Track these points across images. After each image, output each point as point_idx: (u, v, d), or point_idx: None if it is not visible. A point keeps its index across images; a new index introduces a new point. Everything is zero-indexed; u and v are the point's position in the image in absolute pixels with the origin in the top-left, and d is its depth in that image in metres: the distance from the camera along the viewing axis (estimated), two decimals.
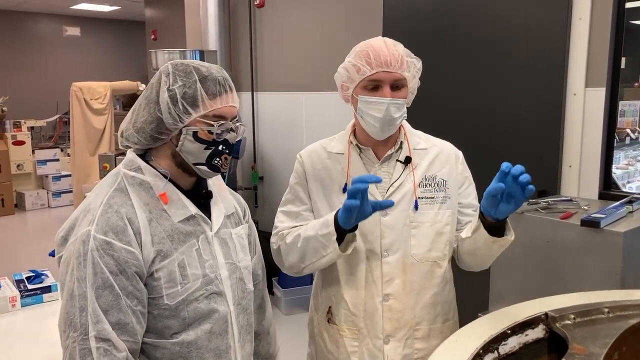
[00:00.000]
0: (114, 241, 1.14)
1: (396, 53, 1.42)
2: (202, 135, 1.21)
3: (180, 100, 1.18)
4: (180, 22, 5.15)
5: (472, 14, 2.80)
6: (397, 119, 1.44)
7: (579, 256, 1.83)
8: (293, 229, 1.54)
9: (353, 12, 3.64)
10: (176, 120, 1.19)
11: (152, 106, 1.20)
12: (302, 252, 1.49)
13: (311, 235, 1.46)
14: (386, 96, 1.41)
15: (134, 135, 1.23)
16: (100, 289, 1.12)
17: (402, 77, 1.43)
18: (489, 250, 1.44)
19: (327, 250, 1.43)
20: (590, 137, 2.45)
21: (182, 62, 1.24)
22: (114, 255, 1.13)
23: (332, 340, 1.57)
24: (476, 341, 1.14)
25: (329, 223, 1.42)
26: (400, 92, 1.44)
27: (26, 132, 7.75)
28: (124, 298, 1.13)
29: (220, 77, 1.22)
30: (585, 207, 2.02)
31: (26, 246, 5.92)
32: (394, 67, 1.41)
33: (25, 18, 10.00)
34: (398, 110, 1.44)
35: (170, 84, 1.19)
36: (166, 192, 1.23)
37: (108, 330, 1.11)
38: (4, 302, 2.03)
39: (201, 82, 1.19)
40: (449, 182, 1.53)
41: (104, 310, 1.11)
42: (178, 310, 1.21)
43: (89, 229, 1.14)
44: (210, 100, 1.20)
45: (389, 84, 1.42)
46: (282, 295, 3.91)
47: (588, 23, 2.39)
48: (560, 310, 1.23)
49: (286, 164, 4.24)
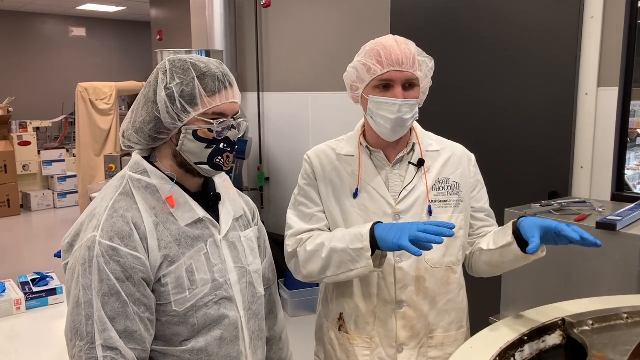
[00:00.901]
0: (120, 247, 1.11)
1: (408, 52, 1.38)
2: (202, 133, 1.17)
3: (178, 99, 1.14)
4: (186, 22, 5.14)
5: (481, 13, 2.77)
6: (408, 120, 1.40)
7: (594, 259, 1.79)
8: (313, 235, 1.49)
9: (360, 12, 3.61)
10: (175, 119, 1.15)
11: (150, 105, 1.17)
12: (325, 263, 1.42)
13: (340, 247, 1.39)
14: (398, 96, 1.37)
15: (134, 136, 1.20)
16: (106, 296, 1.09)
17: (415, 77, 1.39)
18: (515, 264, 1.40)
19: (357, 265, 1.37)
20: (602, 137, 2.41)
21: (180, 58, 1.20)
22: (120, 262, 1.10)
23: (343, 349, 1.53)
24: (492, 348, 1.12)
25: (363, 237, 1.36)
26: (412, 91, 1.40)
27: (32, 132, 7.77)
28: (131, 305, 1.10)
29: (219, 73, 1.18)
30: (600, 209, 1.98)
31: (32, 247, 5.93)
32: (406, 66, 1.37)
33: (31, 19, 10.04)
34: (410, 111, 1.40)
35: (168, 82, 1.15)
36: (173, 195, 1.20)
37: (115, 339, 1.08)
38: (8, 305, 2.01)
39: (199, 79, 1.15)
40: (461, 185, 1.50)
41: (110, 318, 1.09)
42: (187, 316, 1.18)
43: (94, 234, 1.12)
44: (209, 97, 1.16)
45: (400, 83, 1.38)
46: (288, 297, 3.89)
47: (600, 21, 2.35)
48: (578, 316, 1.21)
49: (292, 165, 4.22)
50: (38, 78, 9.98)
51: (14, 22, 9.78)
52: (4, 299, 2.01)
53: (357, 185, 1.47)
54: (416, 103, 1.41)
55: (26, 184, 7.61)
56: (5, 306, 2.00)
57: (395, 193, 1.46)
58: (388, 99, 1.38)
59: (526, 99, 2.62)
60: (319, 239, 1.46)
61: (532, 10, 2.58)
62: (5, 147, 7.26)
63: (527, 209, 2.02)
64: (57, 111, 9.12)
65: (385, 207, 1.45)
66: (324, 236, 1.46)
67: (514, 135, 2.68)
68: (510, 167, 2.67)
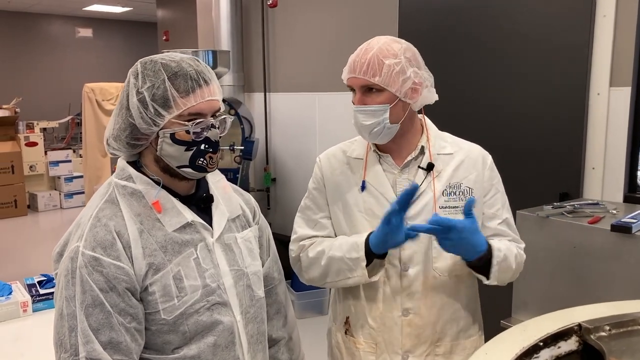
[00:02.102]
0: (102, 257, 1.08)
1: (366, 58, 1.35)
2: (180, 136, 1.12)
3: (151, 103, 1.10)
4: (192, 23, 5.13)
5: (491, 12, 2.75)
6: (373, 126, 1.37)
7: (609, 263, 1.76)
8: (315, 242, 1.49)
9: (367, 11, 3.59)
10: (150, 124, 1.11)
11: (124, 112, 1.13)
12: (325, 270, 1.45)
13: (337, 256, 1.41)
14: (355, 102, 1.39)
15: (113, 143, 1.17)
16: (90, 308, 1.06)
17: (369, 83, 1.35)
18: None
19: (354, 273, 1.40)
20: (614, 138, 2.38)
21: (152, 59, 1.15)
22: (102, 272, 1.07)
23: (349, 353, 1.51)
24: (507, 354, 1.09)
25: (359, 247, 1.38)
26: (374, 96, 1.36)
27: (39, 133, 7.80)
28: (116, 315, 1.08)
29: (192, 71, 1.12)
30: (614, 210, 1.94)
31: (38, 248, 5.93)
32: (359, 72, 1.36)
33: (38, 20, 10.08)
34: (370, 117, 1.36)
35: (140, 86, 1.11)
36: (159, 200, 1.16)
37: (98, 351, 1.06)
38: (15, 307, 2.00)
39: (170, 80, 1.10)
40: (475, 190, 1.44)
41: (94, 329, 1.06)
42: (177, 324, 1.14)
43: (78, 244, 1.09)
44: (182, 98, 1.11)
45: (359, 89, 1.38)
46: (295, 298, 3.87)
47: (613, 20, 2.33)
48: (594, 321, 1.17)
49: (299, 166, 4.21)
50: (45, 79, 10.02)
51: (21, 23, 9.82)
52: (10, 302, 2.00)
53: (361, 181, 1.46)
54: (381, 109, 1.36)
55: (33, 184, 7.63)
56: (11, 308, 1.99)
57: None
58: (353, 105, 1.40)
59: (537, 99, 2.59)
60: (319, 246, 1.46)
61: (543, 9, 2.55)
62: (13, 147, 7.29)
63: (538, 210, 1.99)
64: (64, 112, 9.15)
65: None
66: (325, 243, 1.46)
67: (524, 136, 2.65)
68: (521, 168, 2.64)
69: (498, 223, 1.46)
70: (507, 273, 1.42)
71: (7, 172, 7.15)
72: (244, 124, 3.92)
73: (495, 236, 1.46)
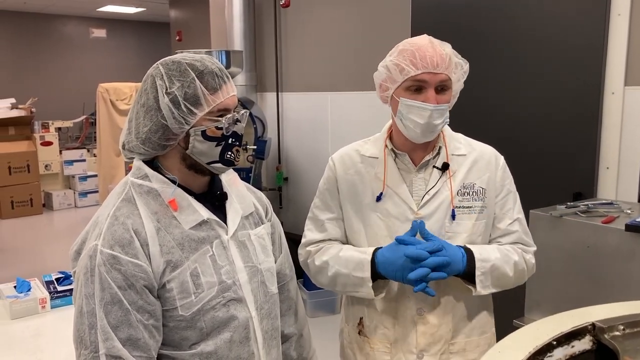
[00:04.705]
0: (121, 255, 1.10)
1: (443, 53, 1.35)
2: (210, 132, 1.16)
3: (183, 102, 1.13)
4: (205, 23, 5.16)
5: (505, 11, 2.74)
6: (439, 125, 1.37)
7: (623, 263, 1.75)
8: (321, 249, 1.50)
9: (380, 11, 3.59)
10: (182, 123, 1.14)
11: (153, 113, 1.14)
12: (332, 282, 1.48)
13: (344, 272, 1.43)
14: (430, 99, 1.34)
15: (140, 147, 1.18)
16: (109, 305, 1.09)
17: (448, 79, 1.36)
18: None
19: (361, 289, 1.42)
20: (629, 137, 2.36)
21: (173, 59, 1.17)
22: (121, 270, 1.10)
23: (363, 354, 1.52)
24: (520, 352, 1.09)
25: (364, 267, 1.40)
26: (444, 95, 1.37)
27: (54, 132, 7.89)
28: (134, 313, 1.10)
29: (216, 69, 1.16)
30: (628, 210, 1.94)
31: (54, 245, 6.00)
32: (441, 67, 1.34)
33: (53, 20, 10.20)
34: (441, 116, 1.36)
35: (168, 87, 1.13)
36: (175, 199, 1.18)
37: (118, 347, 1.08)
38: (34, 304, 2.03)
39: (199, 79, 1.14)
40: (487, 190, 1.45)
41: (113, 326, 1.09)
42: (194, 320, 1.17)
43: (96, 243, 1.12)
44: (212, 95, 1.15)
45: (433, 86, 1.35)
46: (307, 297, 3.88)
47: (628, 19, 2.31)
48: (608, 321, 1.17)
49: (311, 165, 4.22)
50: (59, 79, 10.13)
51: (35, 24, 9.94)
52: (29, 298, 2.03)
53: (381, 189, 1.45)
54: (447, 108, 1.38)
55: (48, 183, 7.72)
56: (30, 305, 2.02)
57: (418, 197, 1.43)
58: (420, 103, 1.35)
59: (551, 98, 2.58)
60: (324, 255, 1.48)
61: (557, 8, 2.54)
62: (28, 147, 7.38)
63: (552, 210, 1.98)
64: (78, 111, 9.24)
65: (407, 211, 1.43)
66: (331, 251, 1.48)
67: (538, 136, 2.64)
68: (535, 168, 2.63)
69: (508, 223, 1.47)
70: (502, 280, 1.42)
71: (23, 171, 7.24)
72: (257, 124, 3.94)
73: (504, 237, 1.47)
